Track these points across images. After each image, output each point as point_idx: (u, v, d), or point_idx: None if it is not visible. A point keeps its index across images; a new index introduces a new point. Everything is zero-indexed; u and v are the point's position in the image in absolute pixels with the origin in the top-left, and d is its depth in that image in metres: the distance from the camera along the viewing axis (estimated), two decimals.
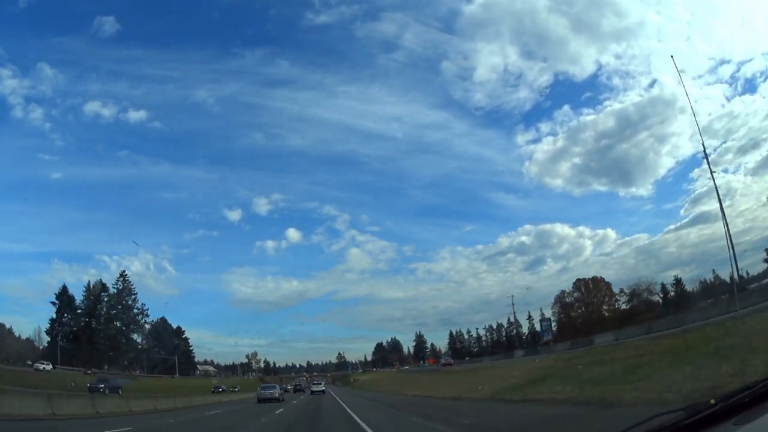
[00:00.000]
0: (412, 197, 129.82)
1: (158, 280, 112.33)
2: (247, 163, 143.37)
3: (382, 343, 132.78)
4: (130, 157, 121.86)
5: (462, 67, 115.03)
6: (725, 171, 75.80)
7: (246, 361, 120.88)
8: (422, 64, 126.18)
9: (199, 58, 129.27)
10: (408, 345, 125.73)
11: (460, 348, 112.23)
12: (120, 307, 75.25)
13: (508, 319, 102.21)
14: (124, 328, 75.41)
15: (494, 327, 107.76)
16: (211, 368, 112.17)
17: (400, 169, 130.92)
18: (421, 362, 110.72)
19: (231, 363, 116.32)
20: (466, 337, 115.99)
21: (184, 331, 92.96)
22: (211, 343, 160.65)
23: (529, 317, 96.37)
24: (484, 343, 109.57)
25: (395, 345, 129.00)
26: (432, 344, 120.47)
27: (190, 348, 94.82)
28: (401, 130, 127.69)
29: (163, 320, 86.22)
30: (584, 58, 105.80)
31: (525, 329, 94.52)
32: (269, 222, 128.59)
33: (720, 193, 31.33)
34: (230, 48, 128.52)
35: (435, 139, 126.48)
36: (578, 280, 74.99)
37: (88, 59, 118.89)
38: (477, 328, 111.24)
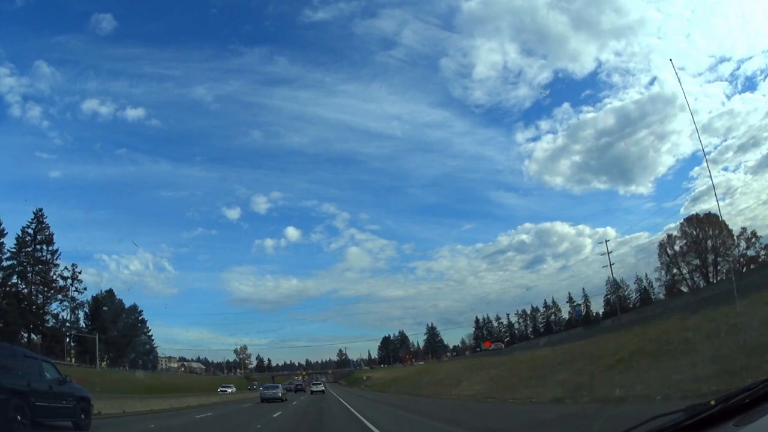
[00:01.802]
0: (412, 196, 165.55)
1: (158, 279, 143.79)
2: (247, 162, 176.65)
3: (389, 336, 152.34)
4: (129, 156, 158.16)
5: (461, 65, 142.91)
6: (725, 169, 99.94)
7: (235, 357, 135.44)
8: (422, 62, 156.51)
9: (198, 57, 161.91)
10: (414, 340, 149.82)
11: (487, 336, 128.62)
12: (23, 257, 67.62)
13: (545, 302, 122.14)
14: (30, 290, 68.06)
15: (528, 312, 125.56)
16: (196, 365, 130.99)
17: (400, 167, 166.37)
18: (449, 354, 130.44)
19: (226, 361, 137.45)
20: (495, 324, 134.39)
21: (140, 311, 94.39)
22: (211, 342, 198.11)
23: (570, 299, 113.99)
24: (516, 329, 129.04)
25: (403, 339, 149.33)
26: (441, 338, 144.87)
27: (148, 333, 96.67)
28: (401, 128, 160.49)
29: (110, 294, 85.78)
30: (584, 56, 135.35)
31: (565, 314, 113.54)
32: (268, 220, 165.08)
33: (720, 191, 31.93)
34: (229, 46, 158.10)
35: (435, 138, 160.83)
36: (690, 217, 74.91)
37: (86, 57, 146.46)
38: (507, 314, 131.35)
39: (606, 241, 79.77)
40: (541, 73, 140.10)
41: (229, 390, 59.67)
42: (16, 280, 68.44)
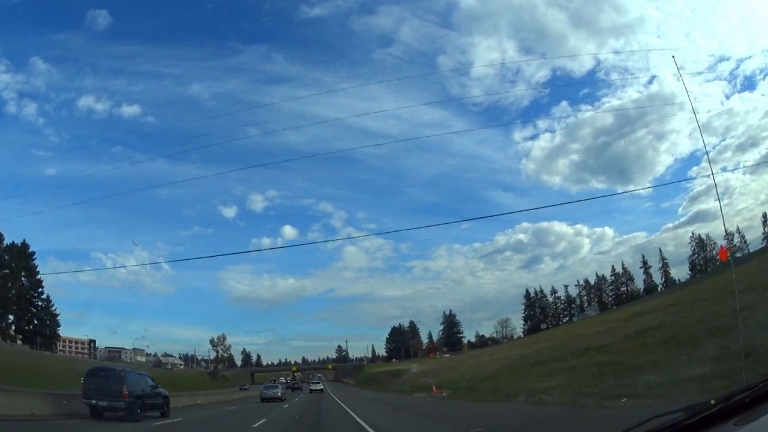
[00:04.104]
0: (410, 195, 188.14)
1: (155, 278, 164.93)
2: (244, 161, 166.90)
3: (399, 327, 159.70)
4: (126, 154, 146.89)
5: (459, 62, 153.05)
6: (724, 169, 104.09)
7: (213, 349, 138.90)
8: (420, 60, 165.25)
9: (197, 55, 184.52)
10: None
11: (540, 313, 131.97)
12: None
13: (613, 269, 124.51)
14: None
15: (591, 283, 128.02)
16: (170, 359, 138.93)
17: (398, 167, 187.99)
18: (505, 339, 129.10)
19: (194, 355, 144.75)
20: (550, 299, 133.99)
21: (32, 253, 77.70)
22: (206, 341, 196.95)
23: (644, 264, 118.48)
24: (576, 303, 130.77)
25: (413, 331, 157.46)
26: (460, 329, 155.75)
27: (39, 291, 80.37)
28: (399, 127, 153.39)
29: None
30: (583, 54, 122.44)
31: (639, 283, 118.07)
32: (265, 219, 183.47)
33: (718, 191, 46.54)
34: (227, 43, 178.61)
35: (433, 137, 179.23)
36: None
37: (83, 55, 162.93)
38: (566, 286, 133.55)
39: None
40: (540, 71, 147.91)
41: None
42: None
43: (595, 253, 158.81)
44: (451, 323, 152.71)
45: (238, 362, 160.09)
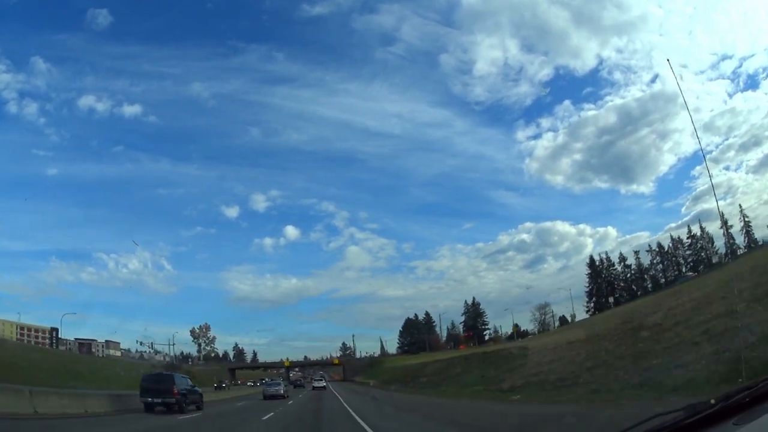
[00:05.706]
0: (412, 195, 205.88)
1: (157, 278, 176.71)
2: (245, 160, 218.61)
3: (415, 318, 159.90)
4: (127, 153, 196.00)
5: (462, 61, 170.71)
6: (726, 168, 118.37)
7: (194, 341, 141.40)
8: (422, 59, 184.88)
9: (198, 55, 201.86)
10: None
11: (606, 286, 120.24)
12: None
13: (688, 229, 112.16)
14: None
15: (665, 249, 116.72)
16: (155, 356, 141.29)
17: (400, 166, 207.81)
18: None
19: (181, 353, 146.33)
20: (618, 269, 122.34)
21: None
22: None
23: (724, 224, 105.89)
24: (650, 273, 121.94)
25: (429, 323, 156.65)
26: (485, 319, 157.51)
27: None
28: (401, 127, 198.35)
29: None
30: (585, 52, 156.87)
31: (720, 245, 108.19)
32: (267, 219, 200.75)
33: (721, 191, 39.71)
34: (227, 42, 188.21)
35: (435, 137, 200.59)
36: None
37: (84, 54, 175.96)
38: (637, 252, 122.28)
39: None
40: (542, 69, 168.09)
41: None
42: None
43: (598, 252, 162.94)
44: (475, 313, 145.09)
45: (232, 359, 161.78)
